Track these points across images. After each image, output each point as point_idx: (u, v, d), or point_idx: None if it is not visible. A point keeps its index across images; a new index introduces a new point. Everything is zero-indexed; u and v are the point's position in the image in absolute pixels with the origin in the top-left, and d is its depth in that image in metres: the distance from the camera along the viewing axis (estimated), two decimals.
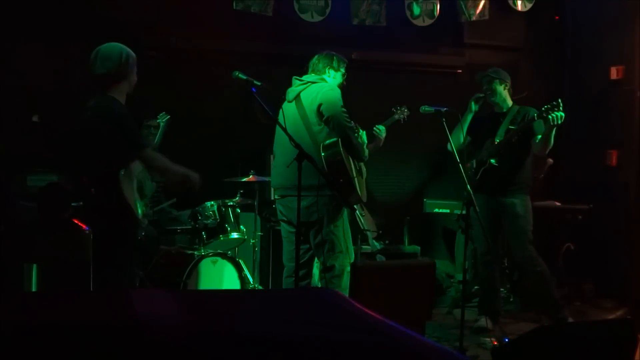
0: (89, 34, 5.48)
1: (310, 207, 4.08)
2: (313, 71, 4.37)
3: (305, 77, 4.34)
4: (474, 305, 5.17)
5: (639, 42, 5.66)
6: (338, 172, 4.08)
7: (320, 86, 4.24)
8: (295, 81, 4.36)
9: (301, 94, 4.26)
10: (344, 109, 4.16)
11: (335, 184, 4.03)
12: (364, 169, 4.49)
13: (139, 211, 3.71)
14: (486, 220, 4.68)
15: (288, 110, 4.25)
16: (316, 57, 4.41)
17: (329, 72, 4.36)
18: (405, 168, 6.49)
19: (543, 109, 4.40)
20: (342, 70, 4.41)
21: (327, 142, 4.14)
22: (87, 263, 4.38)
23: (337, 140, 4.13)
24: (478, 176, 4.71)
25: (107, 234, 3.57)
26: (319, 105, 4.15)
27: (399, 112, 5.19)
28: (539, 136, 4.54)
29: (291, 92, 4.33)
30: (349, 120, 4.17)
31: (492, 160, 4.64)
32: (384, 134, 4.78)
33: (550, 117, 4.34)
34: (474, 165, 4.79)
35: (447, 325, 4.94)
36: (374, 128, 4.76)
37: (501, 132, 4.71)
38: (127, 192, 3.52)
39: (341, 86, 4.38)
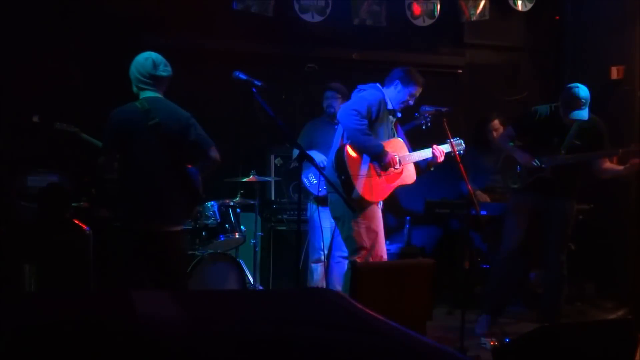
0: (89, 33, 5.50)
1: (334, 202, 4.33)
2: (388, 77, 4.48)
3: (365, 85, 4.48)
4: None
5: (639, 42, 5.65)
6: (340, 170, 4.25)
7: (361, 93, 4.41)
8: (359, 87, 4.53)
9: None
10: (355, 111, 4.21)
11: (341, 181, 4.21)
12: (410, 178, 4.50)
13: None
14: (524, 215, 4.68)
15: None
16: (398, 68, 4.50)
17: (396, 85, 4.42)
18: None
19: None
20: (411, 89, 4.41)
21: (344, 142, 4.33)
22: (87, 263, 4.40)
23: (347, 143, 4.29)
24: (533, 179, 4.66)
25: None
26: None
27: (421, 117, 5.11)
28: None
29: (352, 96, 4.53)
30: (356, 121, 4.21)
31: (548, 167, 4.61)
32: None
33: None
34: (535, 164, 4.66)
35: (447, 326, 4.94)
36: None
37: (567, 143, 4.59)
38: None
39: (404, 103, 4.43)
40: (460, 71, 6.51)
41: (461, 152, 4.58)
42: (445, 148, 4.52)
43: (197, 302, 2.47)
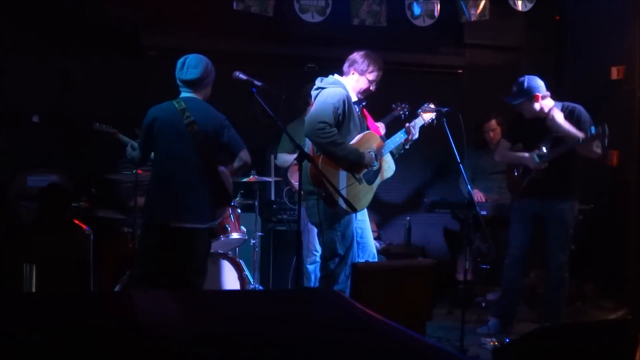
0: (89, 33, 5.50)
1: (310, 209, 4.24)
2: (345, 66, 4.24)
3: (323, 81, 4.24)
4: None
5: (639, 42, 5.65)
6: (319, 186, 4.06)
7: (322, 95, 4.15)
8: (316, 83, 4.29)
9: (315, 99, 4.23)
10: (322, 124, 3.97)
11: (321, 197, 4.08)
12: (388, 171, 4.40)
13: None
14: (526, 222, 4.70)
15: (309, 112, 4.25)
16: (353, 55, 4.26)
17: (352, 74, 4.23)
18: (405, 168, 6.48)
19: (590, 135, 4.31)
20: (369, 76, 4.19)
21: (316, 154, 4.11)
22: (87, 263, 4.40)
23: (319, 155, 4.07)
24: (525, 183, 4.66)
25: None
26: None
27: (399, 108, 5.13)
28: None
29: (313, 95, 4.30)
30: (325, 135, 3.98)
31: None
32: (382, 130, 4.70)
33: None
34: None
35: (447, 326, 4.94)
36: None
37: (549, 138, 4.58)
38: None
39: (365, 92, 4.25)
40: (460, 71, 6.51)
41: (432, 119, 4.43)
42: (417, 122, 4.42)
43: (197, 302, 2.47)
